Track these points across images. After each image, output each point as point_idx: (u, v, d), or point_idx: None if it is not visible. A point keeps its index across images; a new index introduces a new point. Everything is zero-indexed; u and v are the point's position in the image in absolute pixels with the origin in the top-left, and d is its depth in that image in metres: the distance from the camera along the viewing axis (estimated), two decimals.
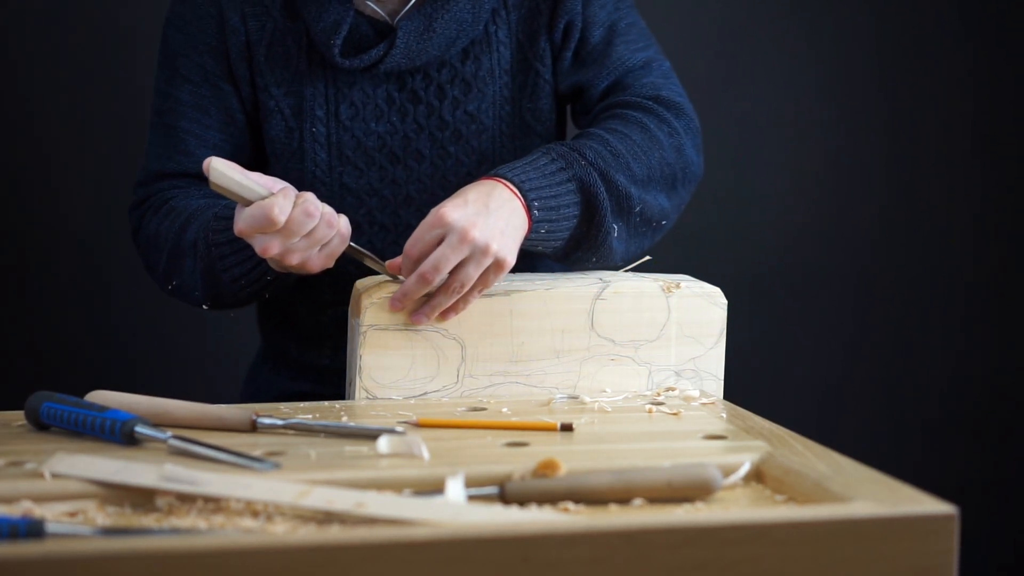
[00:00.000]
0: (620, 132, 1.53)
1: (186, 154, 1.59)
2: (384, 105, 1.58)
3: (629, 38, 1.63)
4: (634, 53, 1.63)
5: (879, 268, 2.64)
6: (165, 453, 1.19)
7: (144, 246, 1.60)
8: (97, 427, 1.22)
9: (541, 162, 1.45)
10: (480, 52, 1.60)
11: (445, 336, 1.41)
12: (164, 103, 1.61)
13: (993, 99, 2.62)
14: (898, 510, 1.03)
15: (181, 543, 0.93)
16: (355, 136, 1.59)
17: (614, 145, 1.50)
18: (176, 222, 1.53)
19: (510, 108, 1.61)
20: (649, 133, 1.54)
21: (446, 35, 1.56)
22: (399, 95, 1.59)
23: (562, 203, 1.44)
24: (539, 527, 0.98)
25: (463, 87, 1.59)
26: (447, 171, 1.60)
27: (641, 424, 1.34)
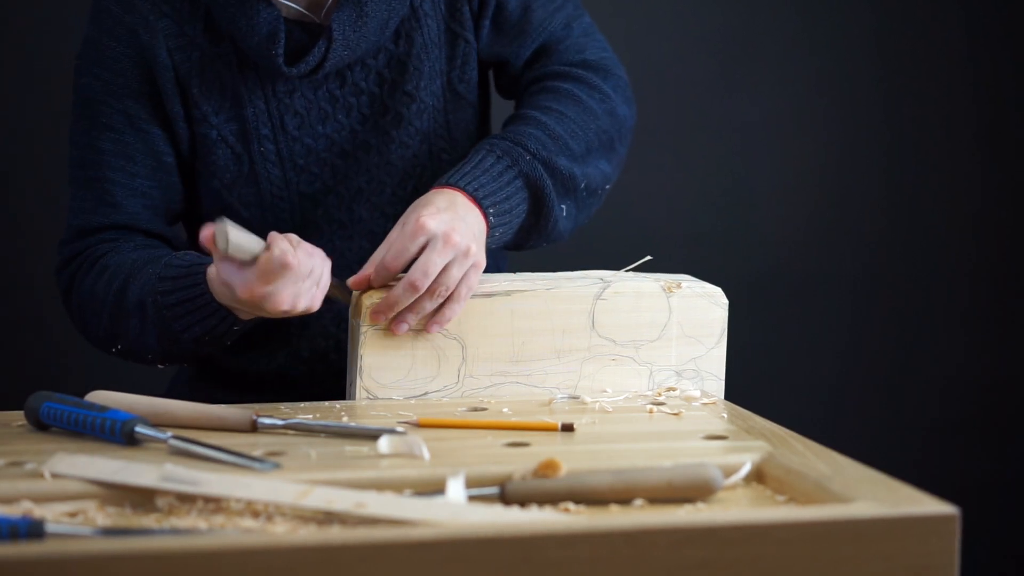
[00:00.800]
0: (555, 111, 1.54)
1: (113, 206, 1.51)
2: (328, 106, 1.55)
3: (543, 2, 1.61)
4: (552, 15, 1.61)
5: (880, 268, 2.64)
6: (165, 453, 1.19)
7: (79, 308, 1.52)
8: (97, 427, 1.22)
9: (487, 163, 1.46)
10: (411, 29, 1.56)
11: (446, 336, 1.41)
12: (85, 155, 1.53)
13: (994, 100, 2.62)
14: (899, 510, 1.03)
15: (181, 543, 0.93)
16: (304, 144, 1.55)
17: (551, 128, 1.51)
18: (114, 282, 1.47)
19: (441, 80, 1.58)
20: (582, 105, 1.55)
21: (379, 18, 1.51)
22: (341, 92, 1.55)
23: (513, 203, 1.46)
24: (540, 527, 0.98)
25: (399, 68, 1.56)
26: (392, 156, 1.57)
27: (642, 424, 1.34)
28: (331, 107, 1.55)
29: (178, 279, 1.41)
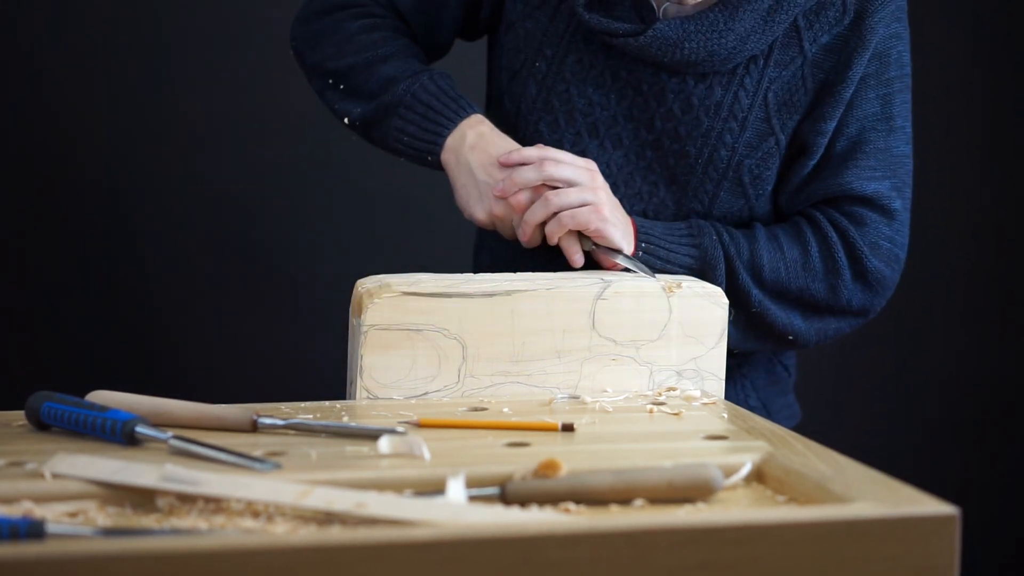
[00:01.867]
0: (778, 243, 1.54)
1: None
2: (609, 77, 1.56)
3: (868, 163, 1.56)
4: (864, 183, 1.56)
5: None
6: (165, 453, 1.19)
7: (325, 33, 1.61)
8: (98, 427, 1.22)
9: (676, 225, 1.53)
10: (717, 84, 1.54)
11: (446, 336, 1.41)
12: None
13: (994, 100, 2.62)
14: (899, 511, 1.03)
15: (181, 543, 0.93)
16: (568, 90, 1.57)
17: (759, 252, 1.53)
18: (379, 46, 1.57)
19: (727, 154, 1.55)
20: (808, 259, 1.54)
21: (693, 56, 1.50)
22: (626, 76, 1.55)
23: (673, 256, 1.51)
24: (540, 528, 0.98)
25: (684, 105, 1.55)
26: (633, 171, 1.57)
27: (642, 424, 1.34)
28: (611, 80, 1.56)
29: (446, 92, 1.53)
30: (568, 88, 1.57)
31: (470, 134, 1.52)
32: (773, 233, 1.56)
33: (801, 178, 1.58)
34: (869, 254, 1.56)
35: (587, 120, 1.57)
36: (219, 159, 2.37)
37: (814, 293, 1.55)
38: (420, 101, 1.54)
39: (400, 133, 1.55)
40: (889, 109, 1.56)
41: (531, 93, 1.59)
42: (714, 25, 1.49)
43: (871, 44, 1.52)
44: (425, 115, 1.54)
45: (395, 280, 1.42)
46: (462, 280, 1.43)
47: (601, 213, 1.45)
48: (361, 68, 1.58)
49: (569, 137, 1.58)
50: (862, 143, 1.56)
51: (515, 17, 1.59)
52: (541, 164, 1.46)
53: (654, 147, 1.57)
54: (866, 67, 1.54)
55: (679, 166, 1.57)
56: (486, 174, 1.50)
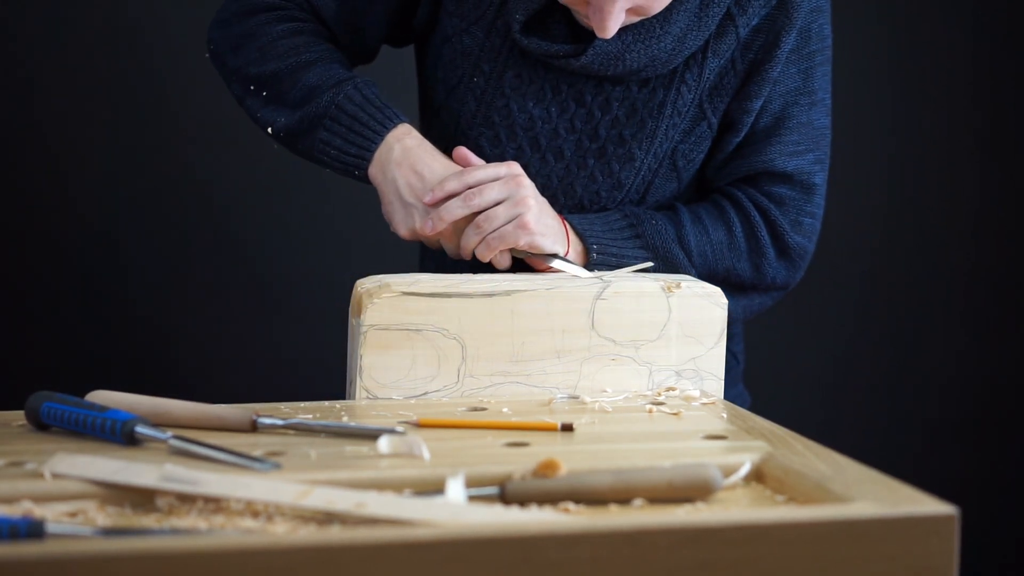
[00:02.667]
0: (704, 225, 1.56)
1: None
2: (549, 91, 1.56)
3: (791, 138, 1.58)
4: (787, 159, 1.58)
5: (879, 268, 2.64)
6: (165, 453, 1.19)
7: (246, 36, 1.58)
8: (97, 427, 1.22)
9: (615, 223, 1.53)
10: (659, 86, 1.55)
11: (446, 336, 1.41)
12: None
13: (994, 101, 2.62)
14: (899, 510, 1.03)
15: (181, 543, 0.93)
16: (509, 106, 1.56)
17: (687, 237, 1.55)
18: (303, 52, 1.54)
19: (668, 147, 1.57)
20: (734, 240, 1.57)
21: (635, 65, 1.51)
22: (567, 89, 1.55)
23: (626, 254, 1.52)
24: (539, 528, 0.98)
25: (629, 111, 1.56)
26: (578, 181, 1.58)
27: (642, 424, 1.34)
28: (551, 94, 1.56)
29: (372, 103, 1.50)
30: (508, 103, 1.57)
31: (397, 148, 1.50)
32: (697, 215, 1.57)
33: (726, 154, 1.60)
34: (791, 231, 1.59)
35: (528, 135, 1.57)
36: (219, 159, 2.37)
37: (740, 273, 1.57)
38: (345, 112, 1.51)
39: (326, 146, 1.52)
40: (811, 83, 1.59)
41: (470, 108, 1.58)
42: (651, 31, 1.50)
43: (797, 21, 1.54)
44: (351, 127, 1.51)
45: (395, 280, 1.42)
46: (462, 280, 1.43)
47: (528, 228, 1.45)
48: (284, 75, 1.55)
49: (511, 152, 1.58)
50: (785, 118, 1.58)
51: (452, 31, 1.57)
52: (465, 197, 1.45)
53: (597, 155, 1.57)
54: (790, 44, 1.55)
55: (624, 170, 1.58)
56: (411, 194, 1.48)
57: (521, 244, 1.46)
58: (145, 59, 2.32)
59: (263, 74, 1.56)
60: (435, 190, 1.47)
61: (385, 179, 1.50)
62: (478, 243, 1.47)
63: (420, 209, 1.48)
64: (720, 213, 1.58)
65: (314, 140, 1.52)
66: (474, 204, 1.45)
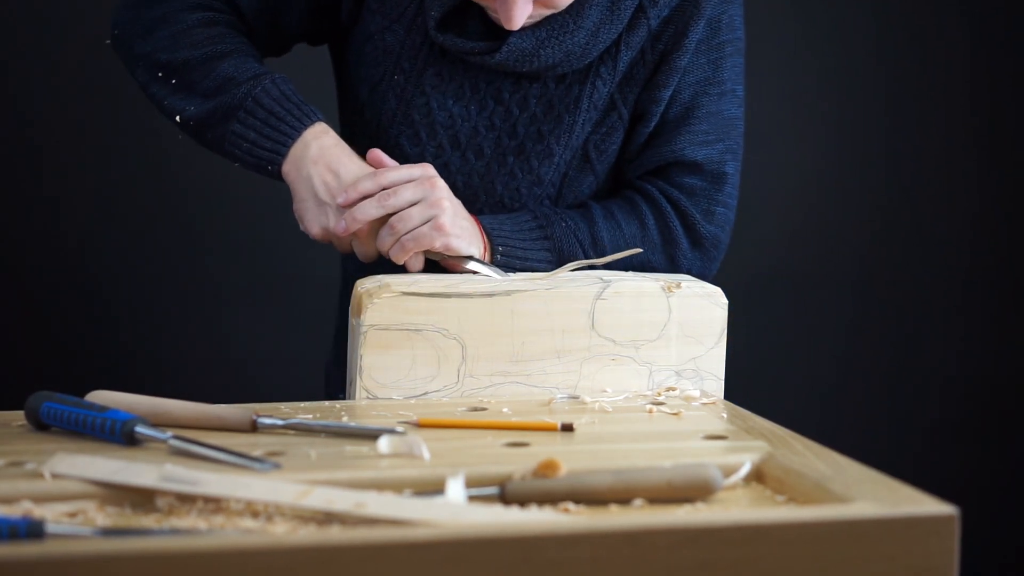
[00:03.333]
0: (616, 221, 1.56)
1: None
2: (468, 89, 1.55)
3: (700, 127, 1.59)
4: (696, 148, 1.59)
5: (879, 268, 2.64)
6: (165, 453, 1.19)
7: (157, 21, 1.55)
8: (97, 427, 1.22)
9: (526, 224, 1.52)
10: (575, 82, 1.55)
11: (446, 336, 1.41)
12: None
13: (992, 100, 2.62)
14: (899, 511, 1.03)
15: (181, 543, 0.93)
16: (429, 104, 1.56)
17: (600, 234, 1.55)
18: (219, 42, 1.51)
19: (581, 141, 1.58)
20: (646, 233, 1.57)
21: (550, 61, 1.51)
22: (485, 87, 1.55)
23: (531, 256, 1.51)
24: (539, 528, 0.98)
25: (546, 108, 1.56)
26: (498, 178, 1.58)
27: (642, 424, 1.34)
28: (470, 92, 1.55)
29: (289, 99, 1.48)
30: (428, 101, 1.56)
31: (314, 145, 1.48)
32: (609, 211, 1.57)
33: (637, 146, 1.60)
34: (703, 221, 1.59)
35: (448, 133, 1.57)
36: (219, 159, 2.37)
37: (655, 266, 1.57)
38: (262, 106, 1.49)
39: (239, 139, 1.50)
40: (720, 73, 1.59)
41: (391, 106, 1.57)
42: (564, 27, 1.50)
43: (705, 11, 1.54)
44: (267, 121, 1.49)
45: (394, 280, 1.42)
46: (461, 280, 1.43)
47: (443, 230, 1.45)
48: (197, 64, 1.51)
49: (431, 150, 1.57)
50: (694, 108, 1.58)
51: (374, 29, 1.56)
52: (380, 198, 1.45)
53: (516, 152, 1.57)
54: (699, 34, 1.56)
55: (543, 166, 1.58)
56: (327, 193, 1.47)
57: (436, 246, 1.46)
58: None
59: (174, 61, 1.53)
60: (349, 191, 1.46)
61: (300, 176, 1.48)
62: (392, 244, 1.46)
63: (334, 209, 1.47)
64: (632, 207, 1.58)
65: (226, 132, 1.50)
66: (389, 205, 1.45)
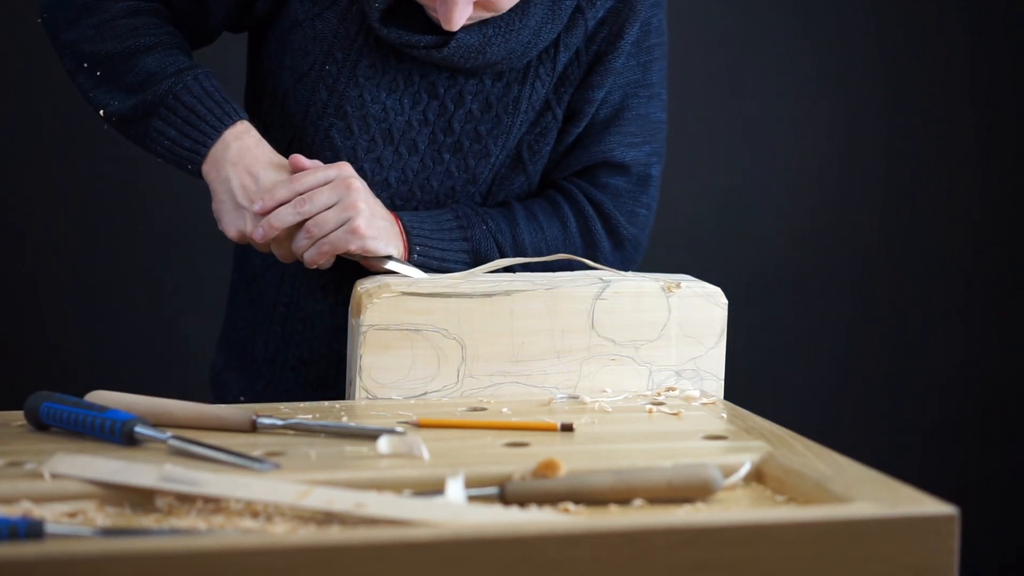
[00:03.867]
0: (539, 222, 1.56)
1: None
2: (402, 82, 1.53)
3: (629, 129, 1.59)
4: (624, 150, 1.59)
5: (880, 269, 2.64)
6: (165, 453, 1.19)
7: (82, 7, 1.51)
8: (97, 427, 1.22)
9: (446, 223, 1.51)
10: (513, 81, 1.55)
11: (445, 336, 1.41)
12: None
13: (993, 101, 2.62)
14: (899, 511, 1.03)
15: (181, 544, 0.93)
16: (362, 95, 1.53)
17: (521, 236, 1.54)
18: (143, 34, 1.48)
19: (518, 141, 1.58)
20: (568, 237, 1.57)
21: (491, 58, 1.51)
22: (420, 80, 1.53)
23: (448, 257, 1.51)
24: (539, 528, 0.98)
25: (483, 106, 1.55)
26: (434, 175, 1.56)
27: (641, 424, 1.34)
28: (404, 84, 1.53)
29: (211, 96, 1.46)
30: (361, 93, 1.53)
31: (234, 146, 1.46)
32: (531, 211, 1.57)
33: (565, 146, 1.60)
34: (626, 223, 1.60)
35: (381, 126, 1.55)
36: None
37: (574, 268, 1.57)
38: (183, 104, 1.46)
39: (160, 136, 1.47)
40: (649, 76, 1.59)
41: (322, 97, 1.54)
42: (510, 25, 1.49)
43: (640, 14, 1.55)
44: (188, 120, 1.46)
45: (394, 280, 1.42)
46: (461, 280, 1.43)
47: (359, 232, 1.43)
48: (121, 57, 1.49)
49: (363, 143, 1.55)
50: (624, 109, 1.59)
51: (303, 16, 1.53)
52: (295, 204, 1.43)
53: (453, 150, 1.56)
54: (633, 36, 1.56)
55: (480, 166, 1.57)
56: (245, 196, 1.45)
57: (352, 248, 1.44)
58: None
59: (98, 53, 1.50)
60: (266, 198, 1.43)
61: (219, 177, 1.46)
62: (308, 248, 1.45)
63: (251, 214, 1.45)
64: (554, 208, 1.58)
65: (148, 128, 1.47)
66: (304, 211, 1.43)
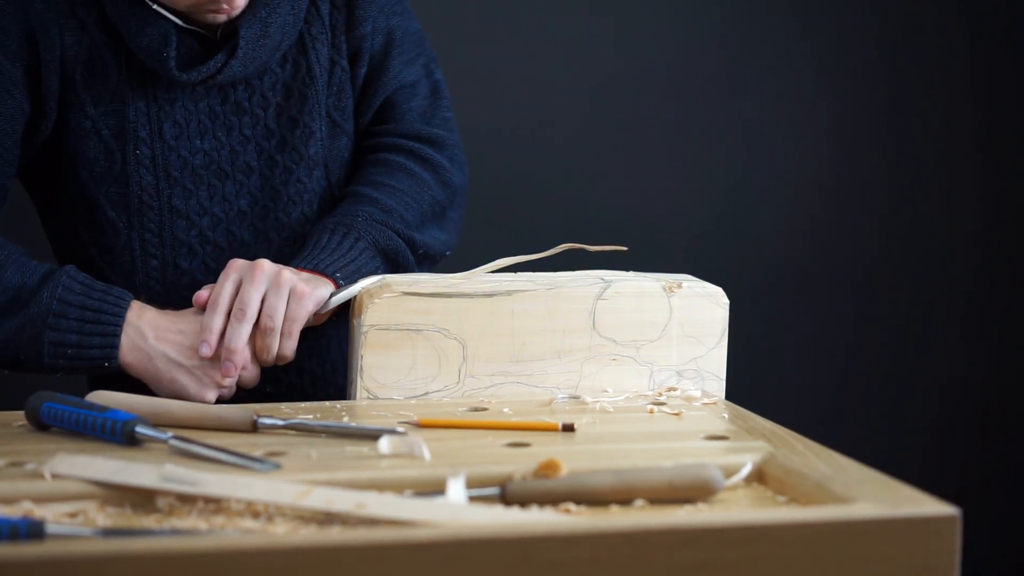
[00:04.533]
0: (387, 185, 1.57)
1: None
2: (207, 120, 1.54)
3: (403, 48, 1.63)
4: (405, 67, 1.63)
5: (881, 269, 2.64)
6: (165, 453, 1.19)
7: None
8: (98, 427, 1.22)
9: (324, 239, 1.50)
10: (297, 54, 1.57)
11: (446, 336, 1.41)
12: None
13: (993, 102, 2.62)
14: (900, 511, 1.03)
15: (181, 544, 0.93)
16: (181, 155, 1.53)
17: (383, 202, 1.55)
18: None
19: (324, 109, 1.59)
20: (414, 177, 1.59)
21: (275, 39, 1.52)
22: (222, 108, 1.54)
23: (362, 264, 1.50)
24: (540, 528, 0.98)
25: (284, 92, 1.57)
26: (276, 181, 1.56)
27: (642, 424, 1.34)
28: (210, 122, 1.54)
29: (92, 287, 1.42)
30: (178, 152, 1.53)
31: (144, 326, 1.41)
32: (371, 182, 1.58)
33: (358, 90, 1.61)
34: (442, 133, 1.64)
35: (211, 169, 1.55)
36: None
37: (439, 199, 1.61)
38: (72, 305, 1.41)
39: (60, 347, 1.40)
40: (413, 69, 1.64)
41: (147, 181, 1.53)
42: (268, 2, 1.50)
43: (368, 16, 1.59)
44: (82, 318, 1.41)
45: (395, 280, 1.42)
46: (462, 280, 1.43)
47: (304, 294, 1.41)
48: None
49: (203, 192, 1.54)
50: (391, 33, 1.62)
51: (88, 126, 1.51)
52: (235, 317, 1.40)
53: (280, 148, 1.57)
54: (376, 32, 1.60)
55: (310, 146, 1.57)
56: (187, 355, 1.41)
57: (311, 309, 1.43)
58: None
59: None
60: (206, 338, 1.40)
61: (150, 357, 1.41)
62: (276, 342, 1.41)
63: (207, 365, 1.41)
64: (387, 167, 1.60)
65: (41, 345, 1.40)
66: (249, 315, 1.40)
